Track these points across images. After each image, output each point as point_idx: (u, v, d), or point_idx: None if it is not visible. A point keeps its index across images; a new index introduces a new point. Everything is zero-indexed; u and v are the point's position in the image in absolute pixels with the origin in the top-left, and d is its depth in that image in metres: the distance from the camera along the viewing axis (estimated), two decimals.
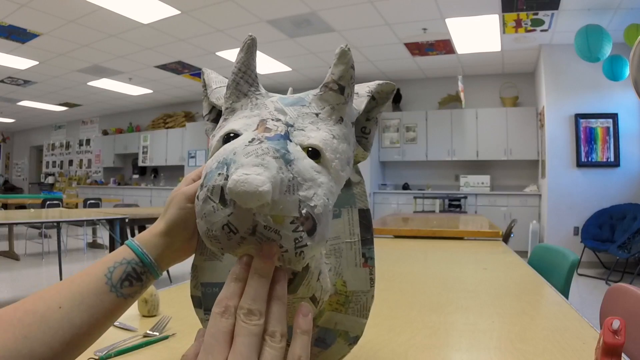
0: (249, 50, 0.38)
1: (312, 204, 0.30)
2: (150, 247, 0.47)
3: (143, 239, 0.48)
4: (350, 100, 0.36)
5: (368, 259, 0.51)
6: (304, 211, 0.29)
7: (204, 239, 0.33)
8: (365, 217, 0.51)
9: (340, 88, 0.35)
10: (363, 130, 0.43)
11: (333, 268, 0.50)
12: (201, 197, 0.32)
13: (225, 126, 0.37)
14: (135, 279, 0.46)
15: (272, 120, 0.34)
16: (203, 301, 0.51)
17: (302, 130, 0.34)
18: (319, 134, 0.34)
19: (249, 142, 0.31)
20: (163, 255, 0.48)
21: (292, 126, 0.34)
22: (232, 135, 0.35)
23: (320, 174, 0.32)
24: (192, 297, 0.52)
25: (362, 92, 0.41)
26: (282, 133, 0.33)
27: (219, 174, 0.30)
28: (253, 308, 0.29)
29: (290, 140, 0.32)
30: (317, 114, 0.35)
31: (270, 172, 0.28)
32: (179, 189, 0.50)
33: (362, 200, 0.51)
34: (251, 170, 0.28)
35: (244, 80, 0.38)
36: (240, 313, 0.29)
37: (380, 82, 0.43)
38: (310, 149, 0.32)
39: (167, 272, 3.99)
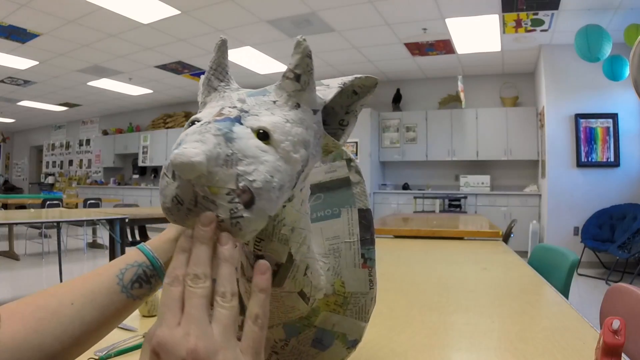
0: (220, 50, 0.41)
1: (250, 178, 0.31)
2: (161, 252, 0.49)
3: (154, 245, 0.49)
4: (309, 88, 0.38)
5: (367, 260, 0.50)
6: (241, 184, 0.31)
7: (163, 212, 0.35)
8: (364, 217, 0.51)
9: (296, 76, 0.37)
10: (341, 122, 0.44)
11: (332, 268, 0.50)
12: (161, 175, 0.34)
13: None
14: (145, 282, 0.47)
15: (229, 107, 0.36)
16: None
17: (256, 115, 0.35)
18: (271, 117, 0.35)
19: (200, 124, 0.34)
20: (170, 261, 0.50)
21: (247, 112, 0.36)
22: (195, 122, 0.37)
23: (266, 153, 0.33)
24: None
25: (333, 84, 0.42)
26: (232, 117, 0.35)
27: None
28: (198, 272, 0.30)
29: (241, 124, 0.34)
30: (274, 102, 0.37)
31: (207, 147, 0.30)
32: None
33: (361, 200, 0.51)
34: (190, 145, 0.30)
35: (215, 76, 0.40)
36: (187, 279, 0.30)
37: (360, 75, 0.43)
38: (261, 131, 0.34)
39: None
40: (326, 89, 0.41)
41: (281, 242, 0.42)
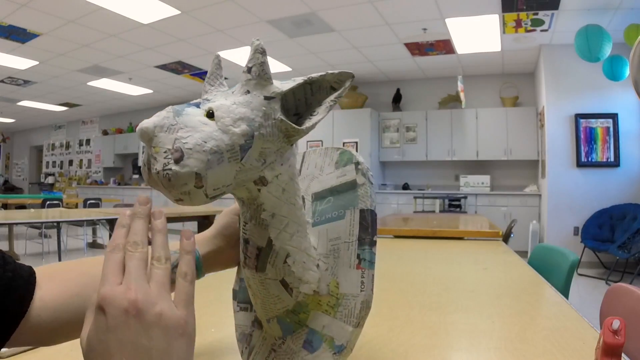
0: (214, 63, 0.49)
1: (184, 142, 0.39)
2: (200, 245, 0.54)
3: (196, 239, 0.54)
4: (259, 77, 0.44)
5: (362, 261, 0.50)
6: (175, 145, 0.39)
7: None
8: (364, 217, 0.51)
9: (248, 69, 0.44)
10: (312, 113, 0.48)
11: (330, 268, 0.51)
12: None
13: None
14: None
15: (200, 98, 0.45)
16: (237, 294, 0.60)
17: (213, 101, 0.43)
18: (221, 101, 0.43)
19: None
20: (208, 256, 0.55)
21: (208, 100, 0.44)
22: None
23: (206, 125, 0.41)
24: (233, 290, 0.61)
25: (299, 79, 0.47)
26: (192, 102, 0.43)
27: None
28: (137, 239, 0.34)
29: (198, 107, 0.42)
30: (233, 92, 0.45)
31: (157, 119, 0.40)
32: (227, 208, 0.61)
33: (364, 201, 0.52)
34: (148, 119, 0.40)
35: (208, 82, 0.48)
36: (127, 246, 0.34)
37: (333, 71, 0.47)
38: (210, 111, 0.42)
39: None
40: (291, 83, 0.46)
41: (261, 226, 0.46)
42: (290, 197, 0.47)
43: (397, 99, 7.37)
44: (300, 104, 0.48)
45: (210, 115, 0.42)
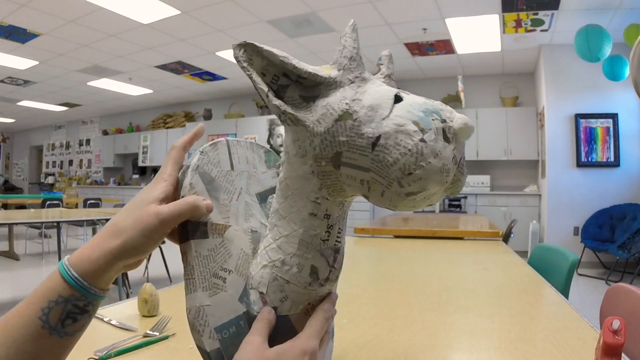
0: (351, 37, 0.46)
1: None
2: (92, 269, 0.40)
3: (82, 259, 0.40)
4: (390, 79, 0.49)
5: None
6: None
7: (436, 176, 0.38)
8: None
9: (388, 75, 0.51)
10: None
11: None
12: (428, 138, 0.38)
13: (380, 90, 0.45)
14: (80, 314, 0.40)
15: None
16: (224, 351, 0.41)
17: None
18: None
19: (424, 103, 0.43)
20: (106, 278, 0.41)
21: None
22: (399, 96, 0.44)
23: None
24: (207, 352, 0.41)
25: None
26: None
27: (433, 119, 0.40)
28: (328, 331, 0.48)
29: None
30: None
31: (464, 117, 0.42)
32: (150, 205, 0.42)
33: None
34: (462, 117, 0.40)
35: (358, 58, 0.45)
36: (324, 335, 0.46)
37: None
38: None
39: (167, 272, 3.98)
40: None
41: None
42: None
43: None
44: None
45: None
